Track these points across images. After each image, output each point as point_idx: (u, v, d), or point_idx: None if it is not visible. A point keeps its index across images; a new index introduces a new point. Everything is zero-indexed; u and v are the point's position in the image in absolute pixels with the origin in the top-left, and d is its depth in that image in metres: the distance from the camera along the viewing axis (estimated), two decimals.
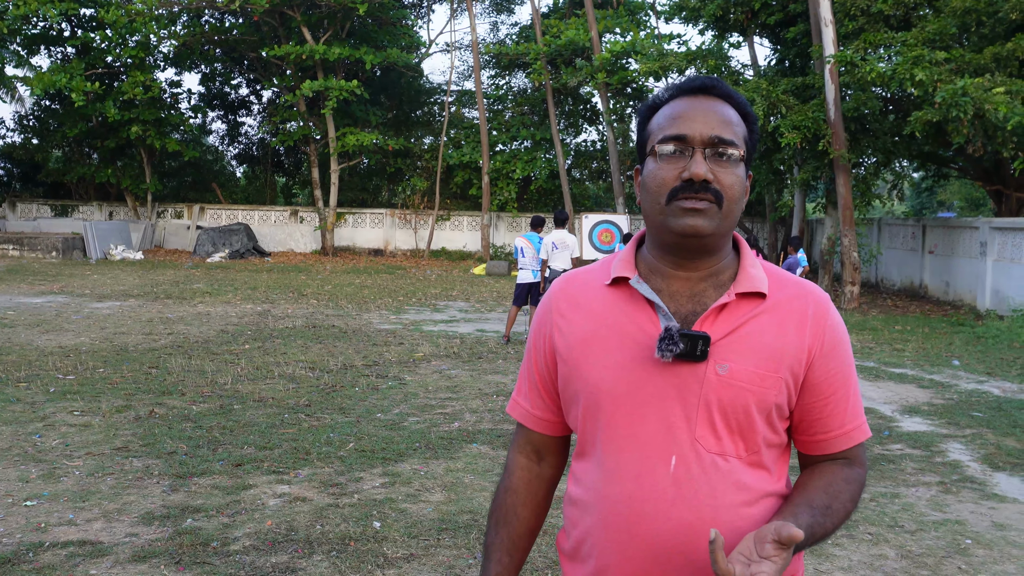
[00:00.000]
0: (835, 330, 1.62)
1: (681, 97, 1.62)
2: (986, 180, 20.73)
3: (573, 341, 1.66)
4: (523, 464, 1.81)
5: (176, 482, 5.54)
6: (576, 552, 1.66)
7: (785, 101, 18.82)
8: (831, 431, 1.62)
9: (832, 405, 1.61)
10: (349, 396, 8.26)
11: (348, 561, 4.39)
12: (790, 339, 1.57)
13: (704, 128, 1.55)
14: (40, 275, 20.29)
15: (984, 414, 8.27)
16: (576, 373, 1.64)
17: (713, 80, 1.62)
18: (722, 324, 1.56)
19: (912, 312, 17.71)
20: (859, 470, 1.64)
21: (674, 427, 1.54)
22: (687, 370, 1.54)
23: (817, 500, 1.55)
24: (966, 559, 4.68)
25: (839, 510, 1.56)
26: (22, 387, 8.17)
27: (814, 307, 1.61)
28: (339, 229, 31.38)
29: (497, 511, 1.80)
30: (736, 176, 1.56)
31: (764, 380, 1.54)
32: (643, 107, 1.69)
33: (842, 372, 1.62)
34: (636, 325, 1.59)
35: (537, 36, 29.17)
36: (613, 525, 1.56)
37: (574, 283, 1.74)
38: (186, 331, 12.06)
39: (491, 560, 1.77)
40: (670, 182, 1.55)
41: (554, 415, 1.77)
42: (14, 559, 4.27)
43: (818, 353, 1.59)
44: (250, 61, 32.65)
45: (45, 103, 32.18)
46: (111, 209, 32.11)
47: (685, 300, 1.60)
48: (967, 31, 17.95)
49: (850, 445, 1.64)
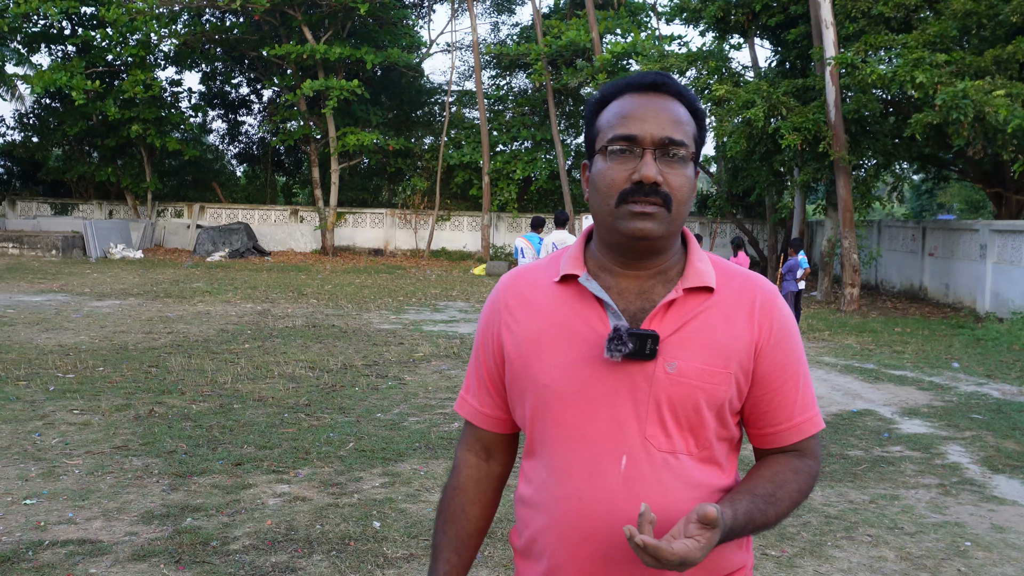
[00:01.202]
0: (782, 322, 1.61)
1: (630, 94, 1.60)
2: (986, 183, 20.74)
3: (522, 339, 1.64)
4: (472, 462, 1.79)
5: (176, 481, 5.54)
6: (529, 551, 1.66)
7: (786, 103, 18.83)
8: (780, 424, 1.62)
9: (780, 397, 1.60)
10: (349, 396, 8.26)
11: (348, 561, 4.39)
12: (738, 333, 1.57)
13: (655, 129, 1.53)
14: (40, 273, 20.29)
15: (984, 416, 8.27)
16: (525, 371, 1.63)
17: (663, 76, 1.60)
18: (670, 321, 1.56)
19: (912, 314, 17.72)
20: (810, 462, 1.63)
21: (624, 426, 1.53)
22: (636, 369, 1.53)
23: (761, 488, 1.54)
24: (966, 561, 4.68)
25: (784, 499, 1.55)
26: (22, 385, 8.17)
27: (761, 299, 1.60)
28: (339, 229, 31.38)
29: (445, 510, 1.78)
30: (685, 176, 1.55)
31: (713, 376, 1.54)
32: (591, 101, 1.67)
33: (790, 364, 1.61)
34: (586, 323, 1.58)
35: (538, 37, 29.18)
36: (564, 525, 1.56)
37: (523, 280, 1.72)
38: (186, 330, 12.06)
39: (439, 560, 1.75)
40: (619, 183, 1.54)
41: (503, 413, 1.75)
42: (14, 557, 4.27)
43: (765, 345, 1.58)
44: (251, 60, 32.64)
45: (45, 101, 32.16)
46: (111, 208, 32.10)
47: (634, 297, 1.59)
48: (968, 34, 17.96)
49: (800, 438, 1.63)
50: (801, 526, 5.12)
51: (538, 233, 12.34)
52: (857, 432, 7.55)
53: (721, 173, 28.16)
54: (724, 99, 20.08)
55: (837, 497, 5.72)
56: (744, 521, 1.47)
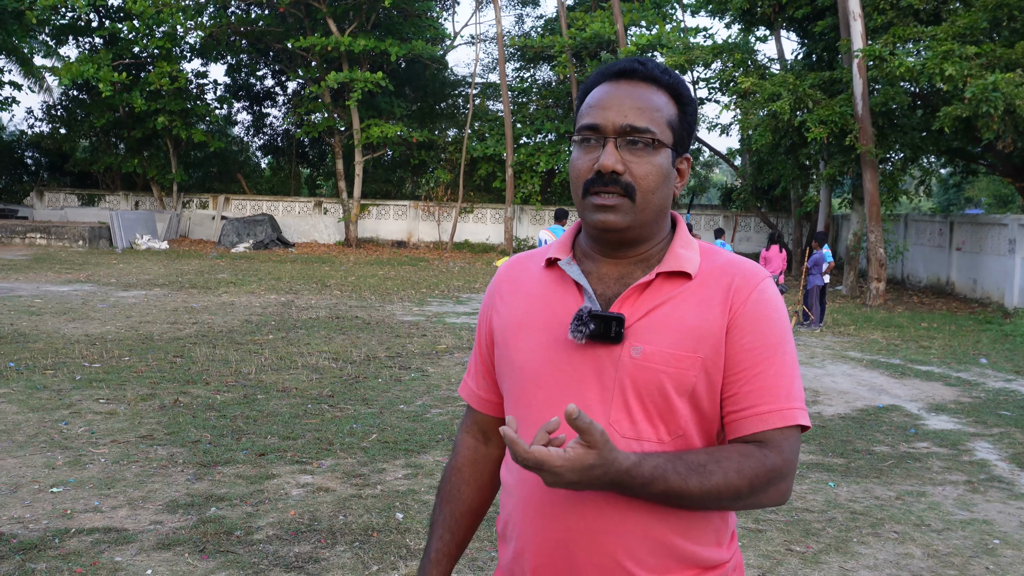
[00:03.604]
0: (757, 304, 1.53)
1: (605, 82, 1.58)
2: (1015, 176, 20.48)
3: (507, 323, 1.66)
4: (469, 444, 1.82)
5: (200, 471, 5.57)
6: (503, 534, 1.67)
7: (812, 95, 18.67)
8: (742, 410, 1.51)
9: (743, 382, 1.50)
10: (372, 387, 8.27)
11: (371, 552, 4.40)
12: (710, 316, 1.51)
13: (616, 117, 1.51)
14: (67, 264, 20.48)
15: (1012, 413, 8.18)
16: (505, 354, 1.65)
17: (635, 62, 1.56)
18: (641, 305, 1.53)
19: (939, 309, 17.54)
20: (770, 453, 1.48)
21: (590, 410, 1.51)
22: (604, 352, 1.51)
23: (692, 456, 1.45)
24: (994, 559, 4.62)
25: (715, 472, 1.43)
26: (49, 375, 8.24)
27: (738, 281, 1.54)
28: (363, 221, 31.46)
29: (443, 490, 1.81)
30: (652, 165, 1.51)
31: (681, 361, 1.49)
32: (580, 91, 1.66)
33: (763, 349, 1.51)
34: (564, 307, 1.58)
35: (562, 29, 29.10)
36: (529, 507, 1.56)
37: (518, 266, 1.74)
38: (210, 321, 12.13)
39: (433, 536, 1.79)
40: (584, 174, 1.53)
41: (496, 396, 1.77)
42: (40, 545, 4.30)
43: (731, 326, 1.51)
44: (276, 52, 32.76)
45: (73, 93, 32.46)
46: (137, 199, 32.36)
47: (612, 282, 1.58)
48: (998, 25, 17.72)
49: (763, 428, 1.49)
50: (827, 522, 5.08)
51: (562, 225, 12.32)
52: (883, 428, 7.48)
53: (746, 166, 28.00)
54: (750, 92, 19.95)
55: (863, 493, 5.67)
56: (650, 474, 1.39)
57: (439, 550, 1.77)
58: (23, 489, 5.11)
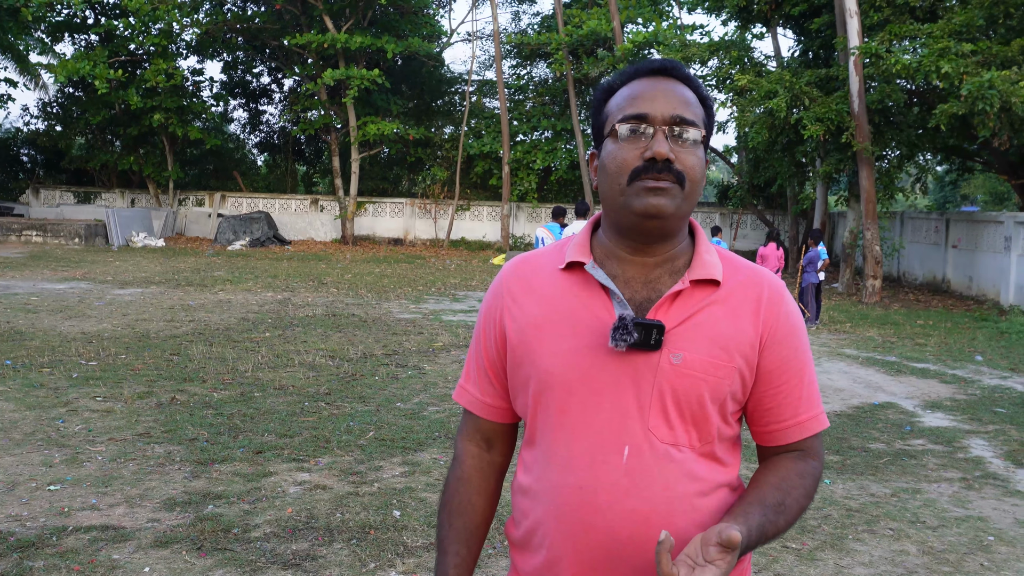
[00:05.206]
0: (788, 318, 1.59)
1: (639, 79, 1.59)
2: (1011, 174, 20.52)
3: (524, 325, 1.62)
4: (473, 452, 1.76)
5: (197, 468, 5.58)
6: (527, 542, 1.62)
7: (808, 93, 18.68)
8: (784, 421, 1.60)
9: (784, 394, 1.58)
10: (369, 385, 8.28)
11: (368, 549, 4.41)
12: (743, 327, 1.55)
13: (665, 107, 1.52)
14: (63, 261, 20.46)
15: (1007, 410, 8.21)
16: (527, 359, 1.60)
17: (672, 62, 1.59)
18: (676, 312, 1.53)
19: (934, 306, 17.58)
20: (814, 463, 1.61)
21: (627, 417, 1.51)
22: (641, 359, 1.51)
23: (770, 497, 1.51)
24: (988, 556, 4.64)
25: (792, 506, 1.53)
26: (45, 372, 8.24)
27: (768, 294, 1.58)
28: (359, 218, 31.45)
29: (450, 502, 1.74)
30: (697, 157, 1.53)
31: (718, 369, 1.52)
32: (599, 90, 1.65)
33: (795, 361, 1.59)
34: (590, 311, 1.56)
35: (559, 26, 29.08)
36: (566, 516, 1.53)
37: (527, 266, 1.70)
38: (207, 318, 12.13)
39: (448, 552, 1.71)
40: (632, 162, 1.51)
41: (504, 402, 1.72)
42: (38, 543, 4.31)
43: (769, 340, 1.56)
44: (272, 50, 32.73)
45: (69, 90, 32.42)
46: (133, 196, 32.32)
47: (640, 287, 1.57)
48: (994, 23, 17.74)
49: (804, 436, 1.60)
50: (822, 519, 5.10)
51: (559, 223, 12.32)
52: (879, 425, 7.50)
53: (742, 164, 28.01)
54: (746, 89, 19.96)
55: (859, 490, 5.69)
56: (758, 536, 1.45)
57: (457, 566, 1.69)
58: (20, 487, 5.12)
